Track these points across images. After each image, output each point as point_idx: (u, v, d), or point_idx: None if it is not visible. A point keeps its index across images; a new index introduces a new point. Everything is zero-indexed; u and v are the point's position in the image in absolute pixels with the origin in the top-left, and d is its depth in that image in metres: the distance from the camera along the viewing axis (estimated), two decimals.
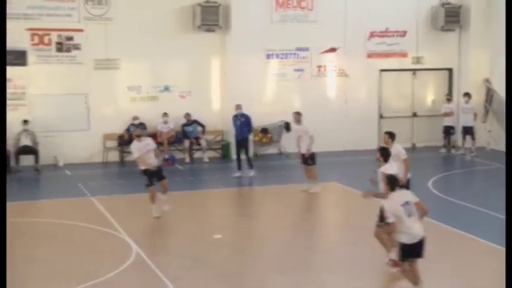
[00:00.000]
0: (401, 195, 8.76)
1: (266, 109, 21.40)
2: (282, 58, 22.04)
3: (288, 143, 21.16)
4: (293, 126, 16.83)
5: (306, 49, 22.01)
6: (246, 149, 18.30)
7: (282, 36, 21.65)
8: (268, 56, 21.92)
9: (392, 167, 10.09)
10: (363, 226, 11.27)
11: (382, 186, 9.64)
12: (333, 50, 22.05)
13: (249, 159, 18.29)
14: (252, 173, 18.19)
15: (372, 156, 11.93)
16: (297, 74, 22.12)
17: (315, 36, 21.73)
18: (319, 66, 22.17)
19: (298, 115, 16.05)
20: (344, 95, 22.30)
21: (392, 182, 8.82)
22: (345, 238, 12.30)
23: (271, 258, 10.99)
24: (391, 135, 11.48)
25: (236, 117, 18.36)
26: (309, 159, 15.77)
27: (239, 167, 18.17)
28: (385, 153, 10.45)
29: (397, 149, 11.37)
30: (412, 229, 8.53)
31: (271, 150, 21.87)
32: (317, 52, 21.95)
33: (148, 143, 13.59)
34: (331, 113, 21.93)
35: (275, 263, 10.75)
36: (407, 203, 8.63)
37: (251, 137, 19.31)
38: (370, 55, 22.44)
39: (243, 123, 18.30)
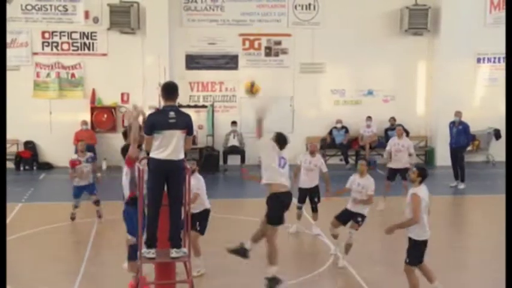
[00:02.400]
0: None
1: (474, 115, 20.40)
2: (493, 62, 20.97)
3: (497, 151, 20.11)
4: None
5: None
6: (460, 159, 17.38)
7: (495, 39, 20.55)
8: (478, 60, 20.97)
9: None
10: None
11: None
12: None
13: (461, 171, 17.36)
14: (462, 185, 17.35)
15: None
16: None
17: None
18: None
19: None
20: None
21: None
22: None
23: (474, 269, 10.48)
24: None
25: (453, 124, 17.70)
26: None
27: (455, 176, 17.45)
28: None
29: None
30: None
31: (478, 158, 20.87)
32: None
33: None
34: None
35: (478, 274, 10.23)
36: None
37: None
38: None
39: (459, 131, 17.51)
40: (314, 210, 12.53)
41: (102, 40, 20.39)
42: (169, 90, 7.98)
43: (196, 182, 9.94)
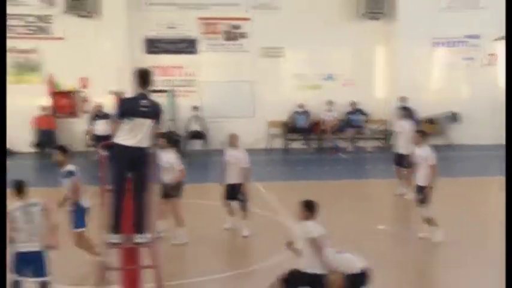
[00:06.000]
0: None
1: (432, 99, 20.75)
2: (449, 46, 21.28)
3: (455, 135, 20.49)
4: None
5: (477, 37, 21.05)
6: None
7: (450, 23, 20.88)
8: (434, 45, 21.23)
9: None
10: None
11: None
12: None
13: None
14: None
15: None
16: (466, 63, 21.23)
17: (487, 23, 20.67)
18: (492, 55, 21.10)
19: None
20: None
21: None
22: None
23: (437, 250, 10.64)
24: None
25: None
26: None
27: None
28: None
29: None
30: None
31: (438, 141, 21.16)
32: (489, 40, 20.88)
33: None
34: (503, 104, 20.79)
35: (442, 255, 10.39)
36: None
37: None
38: None
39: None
40: (242, 208, 11.51)
41: (58, 24, 19.99)
42: (143, 77, 7.89)
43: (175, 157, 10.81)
